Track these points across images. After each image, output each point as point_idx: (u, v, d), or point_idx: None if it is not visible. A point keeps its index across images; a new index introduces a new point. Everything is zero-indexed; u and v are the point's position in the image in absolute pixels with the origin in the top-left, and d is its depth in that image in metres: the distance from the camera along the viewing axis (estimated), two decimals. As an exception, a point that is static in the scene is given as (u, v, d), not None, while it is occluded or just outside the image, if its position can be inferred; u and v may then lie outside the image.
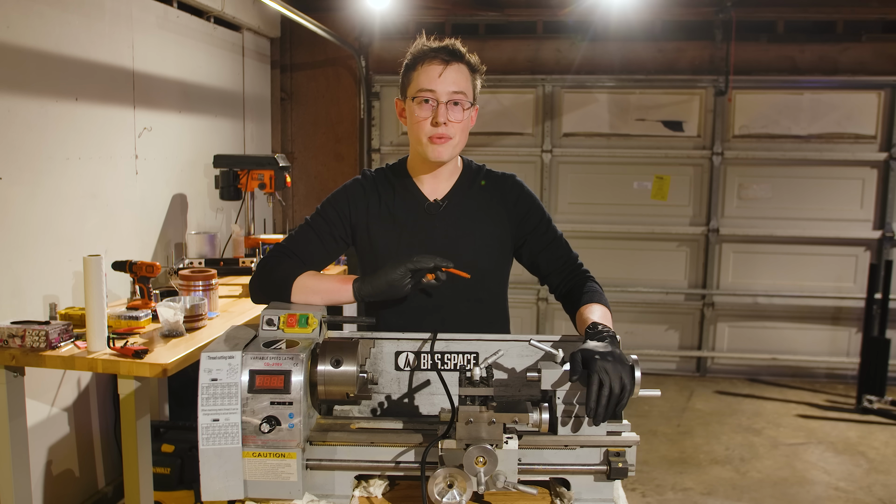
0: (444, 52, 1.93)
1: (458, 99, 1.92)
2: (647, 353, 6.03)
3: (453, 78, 1.92)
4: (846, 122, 5.75)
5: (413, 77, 1.95)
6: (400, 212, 2.03)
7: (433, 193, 2.05)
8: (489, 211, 2.04)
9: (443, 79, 1.90)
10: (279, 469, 1.50)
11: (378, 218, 2.03)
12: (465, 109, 1.93)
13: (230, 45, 5.12)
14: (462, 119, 1.94)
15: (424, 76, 1.92)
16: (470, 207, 2.04)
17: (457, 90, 1.92)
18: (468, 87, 1.95)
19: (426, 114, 1.92)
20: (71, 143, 3.40)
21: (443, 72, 1.91)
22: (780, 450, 4.59)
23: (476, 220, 2.02)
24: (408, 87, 1.97)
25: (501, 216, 2.05)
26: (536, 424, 1.52)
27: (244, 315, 3.24)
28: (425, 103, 1.91)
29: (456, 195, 2.05)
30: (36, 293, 3.19)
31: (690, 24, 5.77)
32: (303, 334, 1.62)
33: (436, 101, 1.91)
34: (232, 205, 4.77)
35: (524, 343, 1.73)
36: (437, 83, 1.90)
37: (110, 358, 2.58)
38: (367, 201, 2.04)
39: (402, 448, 1.56)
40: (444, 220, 2.02)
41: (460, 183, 2.06)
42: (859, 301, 5.66)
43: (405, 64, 1.99)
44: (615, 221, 6.02)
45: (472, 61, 1.97)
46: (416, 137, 1.96)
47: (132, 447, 2.64)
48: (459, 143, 1.97)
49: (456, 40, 1.97)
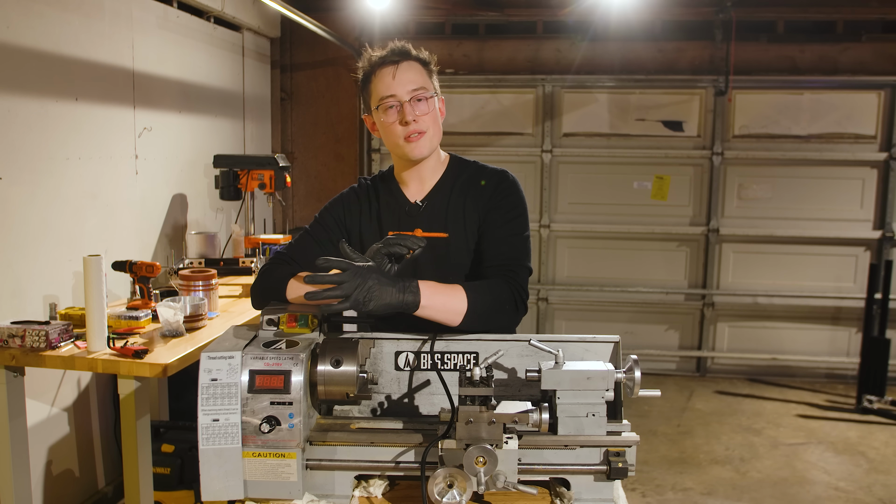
0: (391, 55, 1.95)
1: (420, 95, 1.93)
2: (647, 353, 6.03)
3: (408, 76, 1.93)
4: (846, 122, 5.75)
5: (371, 89, 1.97)
6: (385, 216, 2.05)
7: (416, 195, 2.05)
8: (470, 205, 2.00)
9: (398, 80, 1.92)
10: (279, 469, 1.50)
11: (367, 224, 2.05)
12: (428, 100, 1.94)
13: (230, 45, 5.12)
14: (429, 111, 1.95)
15: (380, 83, 1.94)
16: (451, 204, 2.01)
17: (415, 87, 1.93)
18: (426, 81, 1.96)
19: (393, 118, 1.93)
20: (71, 143, 3.40)
21: (395, 73, 1.92)
22: (780, 450, 4.60)
23: (457, 218, 2.00)
24: (370, 100, 1.99)
25: (474, 210, 2.00)
26: (536, 424, 1.52)
27: (244, 315, 3.24)
28: (390, 109, 1.93)
29: (436, 195, 2.03)
30: (36, 293, 3.19)
31: (690, 24, 5.77)
32: (303, 334, 1.62)
33: (398, 102, 1.92)
34: (232, 205, 4.77)
35: (524, 343, 1.73)
36: (394, 85, 1.92)
37: (110, 358, 2.58)
38: (360, 208, 2.07)
39: (402, 448, 1.56)
40: (425, 222, 2.01)
41: (442, 181, 2.05)
42: (859, 301, 5.66)
43: (361, 81, 2.02)
44: (615, 221, 6.02)
45: (421, 57, 1.99)
46: (393, 143, 1.97)
47: (132, 447, 2.64)
48: (435, 134, 1.98)
49: (404, 42, 1.98)
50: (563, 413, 1.54)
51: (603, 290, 6.06)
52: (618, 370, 1.58)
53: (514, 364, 1.75)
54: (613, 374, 1.55)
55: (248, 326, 1.71)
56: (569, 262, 6.15)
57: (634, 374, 1.55)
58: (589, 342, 1.74)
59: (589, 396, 1.54)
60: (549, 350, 1.59)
